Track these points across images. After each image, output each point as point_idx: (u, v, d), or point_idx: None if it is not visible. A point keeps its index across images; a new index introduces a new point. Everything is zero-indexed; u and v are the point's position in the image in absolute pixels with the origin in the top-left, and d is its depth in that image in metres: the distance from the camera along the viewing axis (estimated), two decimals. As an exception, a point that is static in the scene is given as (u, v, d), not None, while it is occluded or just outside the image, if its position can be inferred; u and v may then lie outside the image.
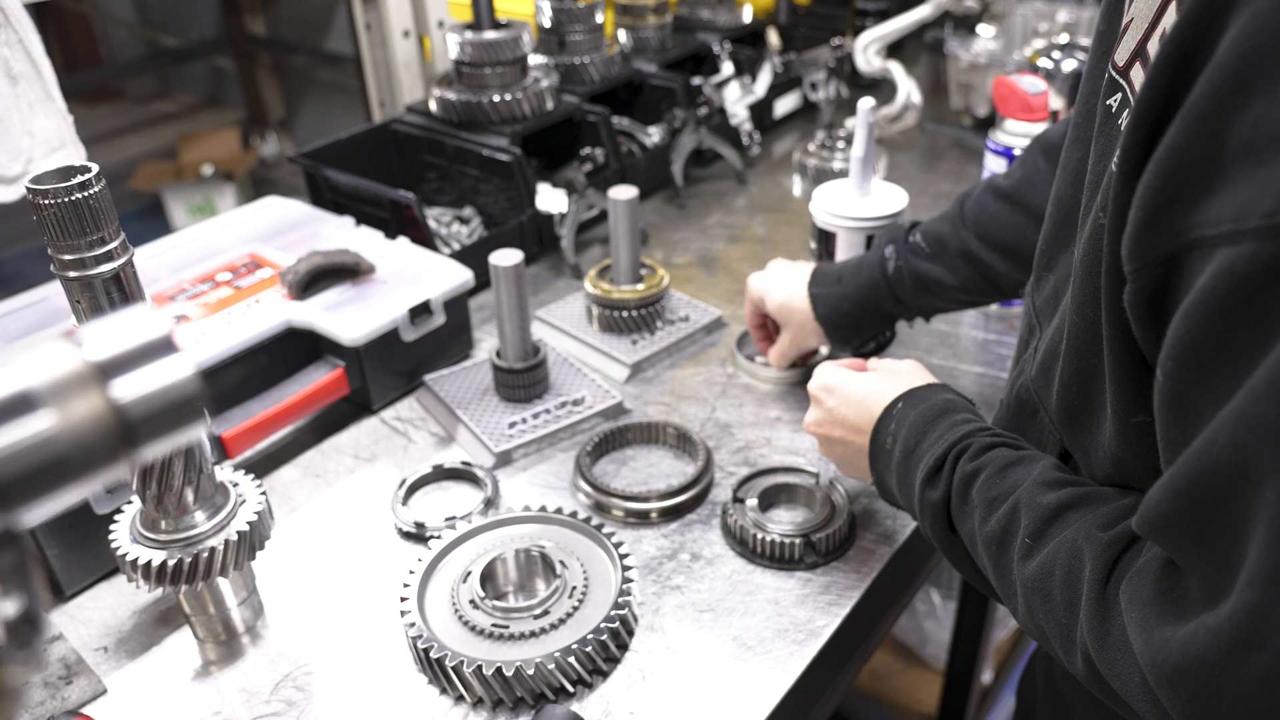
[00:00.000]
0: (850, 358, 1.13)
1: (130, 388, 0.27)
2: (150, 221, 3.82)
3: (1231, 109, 0.47)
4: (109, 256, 0.73)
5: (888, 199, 1.22)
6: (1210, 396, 0.50)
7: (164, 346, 0.28)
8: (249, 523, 0.85)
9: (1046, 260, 0.80)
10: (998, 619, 1.85)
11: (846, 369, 0.94)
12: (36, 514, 0.25)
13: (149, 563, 0.82)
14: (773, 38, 1.86)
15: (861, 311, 1.10)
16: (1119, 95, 0.62)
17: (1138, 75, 0.59)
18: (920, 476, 0.78)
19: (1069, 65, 1.53)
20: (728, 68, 1.76)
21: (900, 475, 0.82)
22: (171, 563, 0.82)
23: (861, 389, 0.90)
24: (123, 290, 0.75)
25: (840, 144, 1.74)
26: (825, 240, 1.23)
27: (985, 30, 1.91)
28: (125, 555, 0.83)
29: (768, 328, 1.21)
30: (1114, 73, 0.63)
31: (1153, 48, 0.57)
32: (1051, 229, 0.79)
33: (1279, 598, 0.47)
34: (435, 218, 1.53)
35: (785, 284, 1.14)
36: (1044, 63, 1.55)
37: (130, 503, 0.88)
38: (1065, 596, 0.64)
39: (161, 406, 0.27)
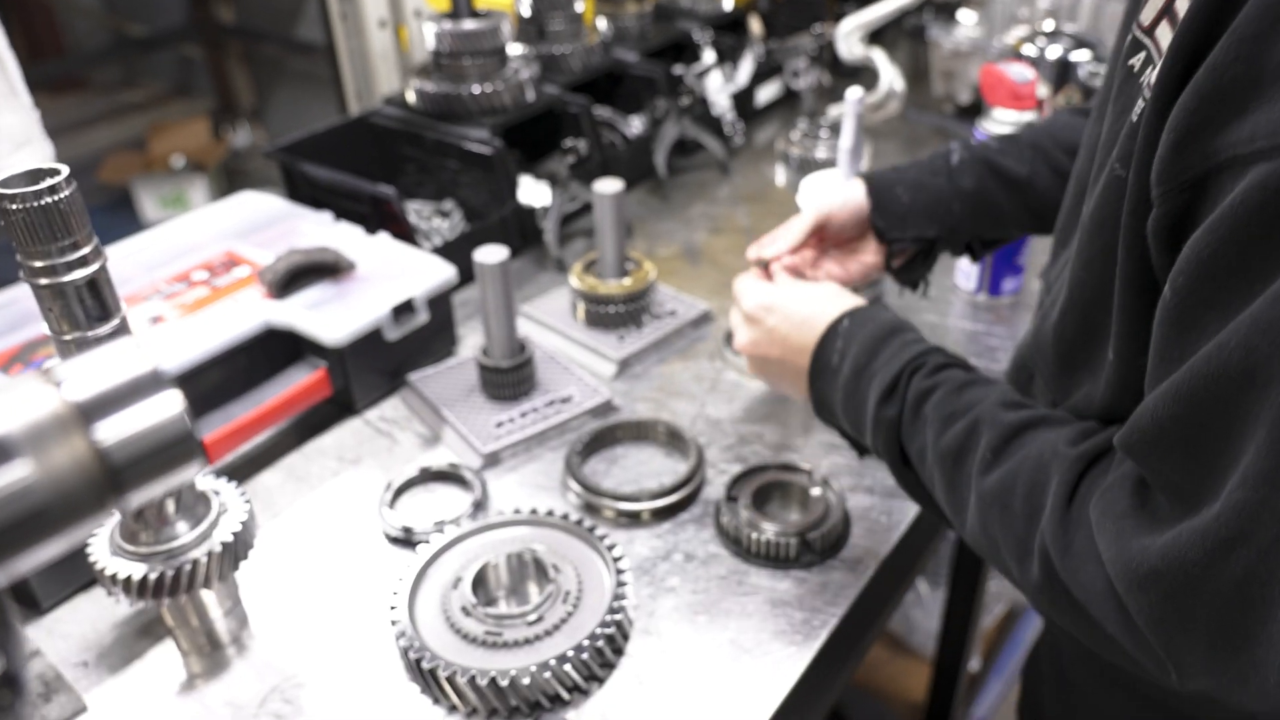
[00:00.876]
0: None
1: (115, 430, 0.25)
2: (120, 215, 3.74)
3: (1276, 32, 0.48)
4: (82, 262, 0.70)
5: (876, 190, 1.20)
6: (1218, 312, 0.51)
7: (150, 383, 0.25)
8: (233, 533, 0.83)
9: (1063, 236, 0.80)
10: (985, 606, 1.86)
11: (778, 286, 0.92)
12: (17, 569, 0.23)
13: (129, 577, 0.79)
14: (754, 25, 1.84)
15: (914, 199, 1.00)
16: (1142, 54, 0.62)
17: (1164, 33, 0.59)
18: (876, 394, 0.78)
19: (1054, 53, 1.52)
20: (709, 56, 1.73)
21: (849, 392, 0.82)
22: (153, 576, 0.79)
23: (803, 307, 0.88)
24: (97, 296, 0.72)
25: (823, 133, 1.73)
26: (813, 232, 1.22)
27: (966, 17, 1.90)
28: (104, 569, 0.80)
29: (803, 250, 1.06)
30: (1139, 33, 0.63)
31: (1180, 5, 0.57)
32: (1069, 203, 0.79)
33: (1271, 497, 0.48)
34: (415, 211, 1.50)
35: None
36: (1028, 50, 1.54)
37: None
38: (1026, 509, 0.65)
39: (150, 449, 0.25)
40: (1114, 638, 0.59)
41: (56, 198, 0.67)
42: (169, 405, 0.26)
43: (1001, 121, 1.27)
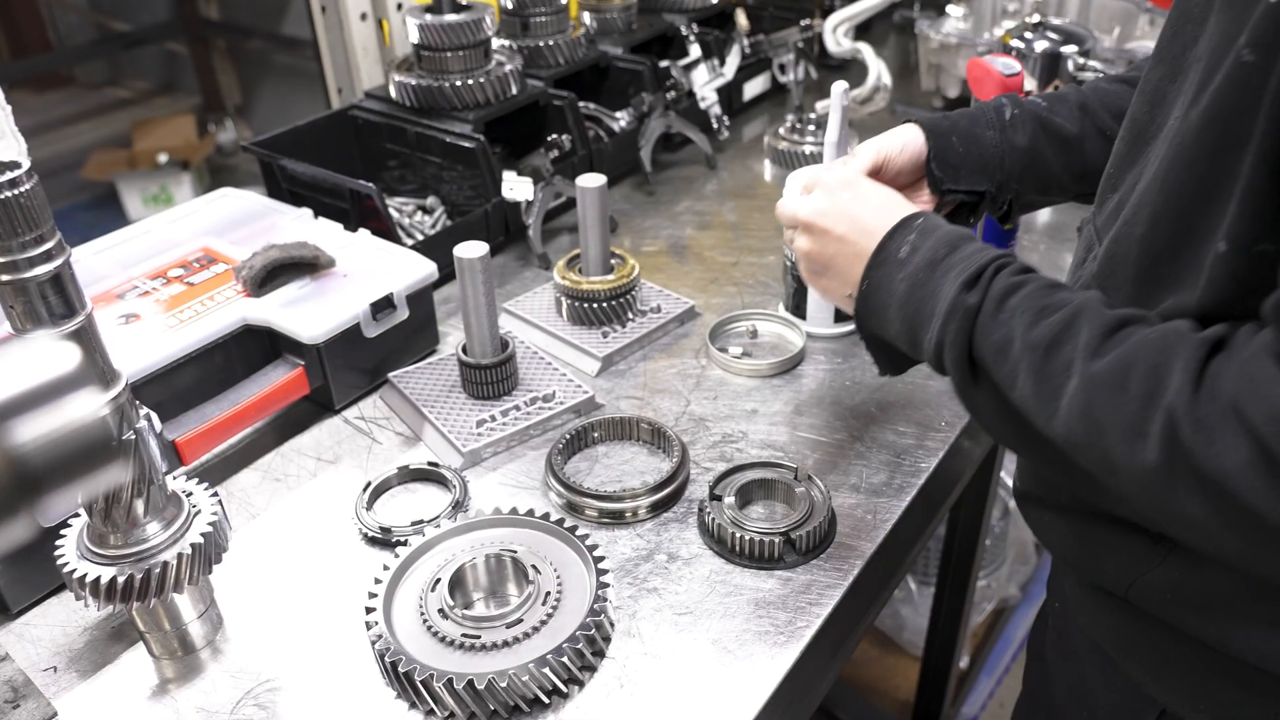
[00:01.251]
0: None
1: (29, 432, 0.23)
2: (104, 212, 3.71)
3: None
4: (45, 258, 0.68)
5: (862, 184, 1.19)
6: None
7: (72, 381, 0.24)
8: (203, 534, 0.81)
9: (1113, 183, 0.81)
10: (974, 604, 1.85)
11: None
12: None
13: (98, 579, 0.78)
14: (741, 19, 1.82)
15: (968, 151, 0.99)
16: None
17: None
18: (958, 282, 0.76)
19: (1040, 45, 1.51)
20: (695, 50, 1.72)
21: (916, 283, 0.80)
22: (122, 579, 0.78)
23: (882, 195, 0.88)
24: (60, 293, 0.70)
25: (811, 127, 1.71)
26: (799, 227, 1.20)
27: (955, 10, 1.89)
28: (73, 572, 0.79)
29: None
30: None
31: None
32: (1121, 150, 0.81)
33: None
34: (397, 207, 1.49)
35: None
36: (1016, 43, 1.52)
37: (79, 514, 0.84)
38: (1144, 389, 0.64)
39: (67, 452, 0.23)
40: (1247, 511, 0.58)
41: (16, 191, 0.65)
42: (89, 406, 0.25)
43: (989, 115, 1.25)
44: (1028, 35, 1.52)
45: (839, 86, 1.14)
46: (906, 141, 0.99)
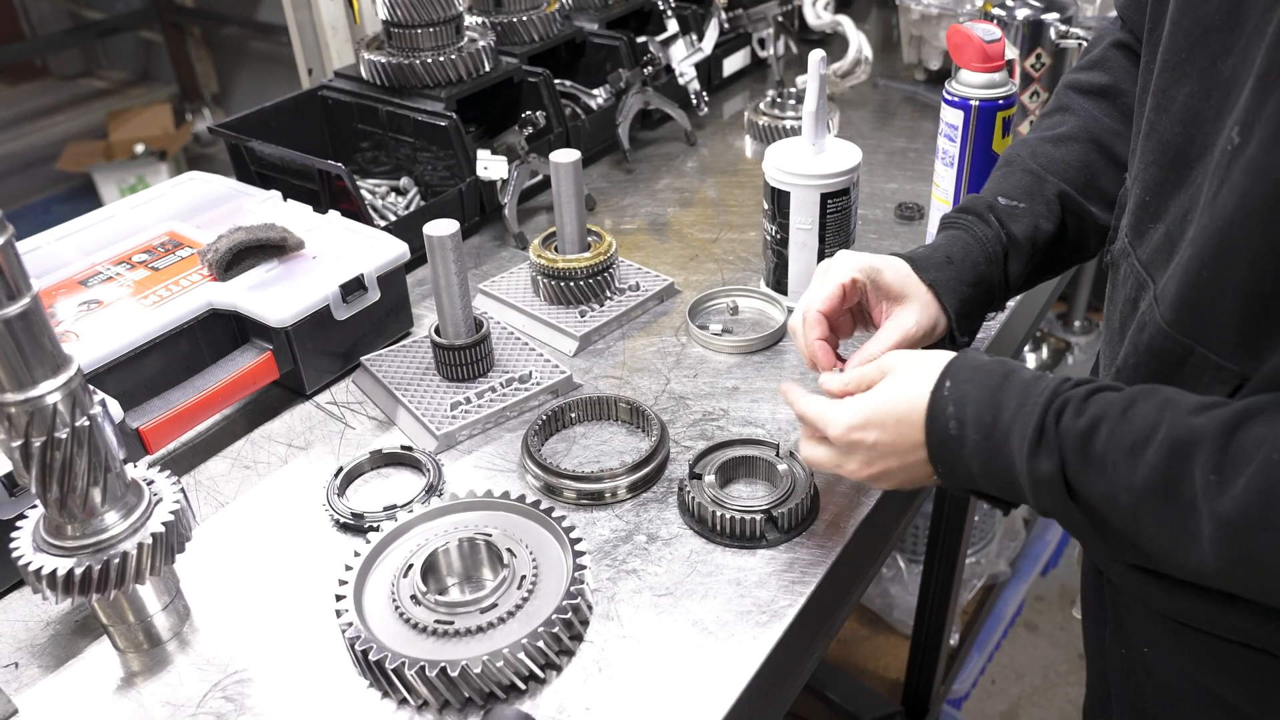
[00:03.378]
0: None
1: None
2: (81, 204, 3.66)
3: None
4: (-17, 237, 0.65)
5: (841, 155, 1.17)
6: None
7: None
8: (164, 523, 0.78)
9: (1153, 212, 0.75)
10: (963, 582, 1.84)
11: (854, 399, 0.82)
12: None
13: (54, 572, 0.75)
14: (719, -8, 1.79)
15: (975, 295, 0.95)
16: None
17: None
18: (1024, 451, 0.70)
19: (1022, 13, 1.48)
20: (673, 25, 1.69)
21: (985, 456, 0.74)
22: (80, 571, 0.75)
23: (894, 403, 0.79)
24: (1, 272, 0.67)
25: (791, 101, 1.68)
26: (778, 199, 1.18)
27: (936, -19, 1.86)
28: (29, 565, 0.76)
29: (843, 319, 0.97)
30: None
31: None
32: (1158, 176, 0.74)
33: None
34: (370, 189, 1.46)
35: (888, 259, 0.94)
36: (997, 11, 1.50)
37: (35, 506, 0.81)
38: None
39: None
40: None
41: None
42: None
43: (970, 85, 1.23)
44: (1009, 3, 1.49)
45: (815, 55, 1.12)
46: (933, 322, 0.92)
